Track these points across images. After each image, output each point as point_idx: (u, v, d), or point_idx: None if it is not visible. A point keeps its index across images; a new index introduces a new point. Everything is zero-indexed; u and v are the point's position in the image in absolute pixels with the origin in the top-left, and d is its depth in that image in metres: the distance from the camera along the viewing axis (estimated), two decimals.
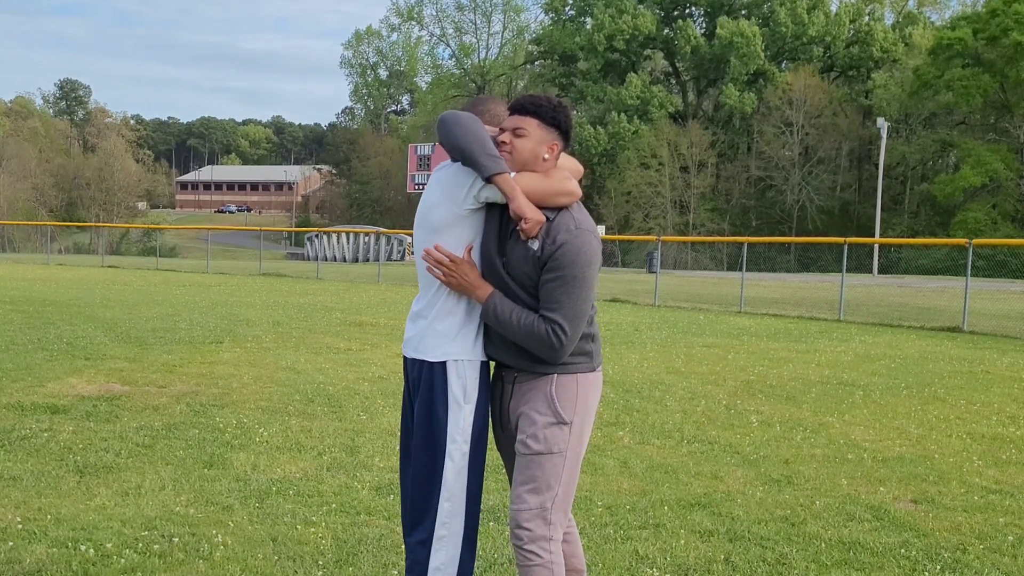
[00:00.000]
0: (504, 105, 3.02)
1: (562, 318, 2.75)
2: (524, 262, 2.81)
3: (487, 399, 2.92)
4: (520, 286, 2.83)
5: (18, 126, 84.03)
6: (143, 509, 4.53)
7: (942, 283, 28.41)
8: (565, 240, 2.78)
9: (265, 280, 25.88)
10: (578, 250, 2.77)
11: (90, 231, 58.83)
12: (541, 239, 2.81)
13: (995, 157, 48.86)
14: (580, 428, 2.86)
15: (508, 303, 2.80)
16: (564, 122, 2.87)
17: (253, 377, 8.38)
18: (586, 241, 2.80)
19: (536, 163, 2.83)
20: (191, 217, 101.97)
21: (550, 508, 2.81)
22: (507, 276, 2.84)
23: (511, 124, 2.86)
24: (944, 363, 10.75)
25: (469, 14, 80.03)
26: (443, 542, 2.84)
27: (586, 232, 2.82)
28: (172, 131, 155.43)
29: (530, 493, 2.81)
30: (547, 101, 2.88)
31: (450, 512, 2.84)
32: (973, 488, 5.34)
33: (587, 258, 2.79)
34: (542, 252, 2.79)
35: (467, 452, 2.83)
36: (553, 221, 2.83)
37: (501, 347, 2.89)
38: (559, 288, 2.76)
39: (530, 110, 2.85)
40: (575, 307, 2.77)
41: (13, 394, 7.20)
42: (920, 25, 62.07)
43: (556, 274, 2.76)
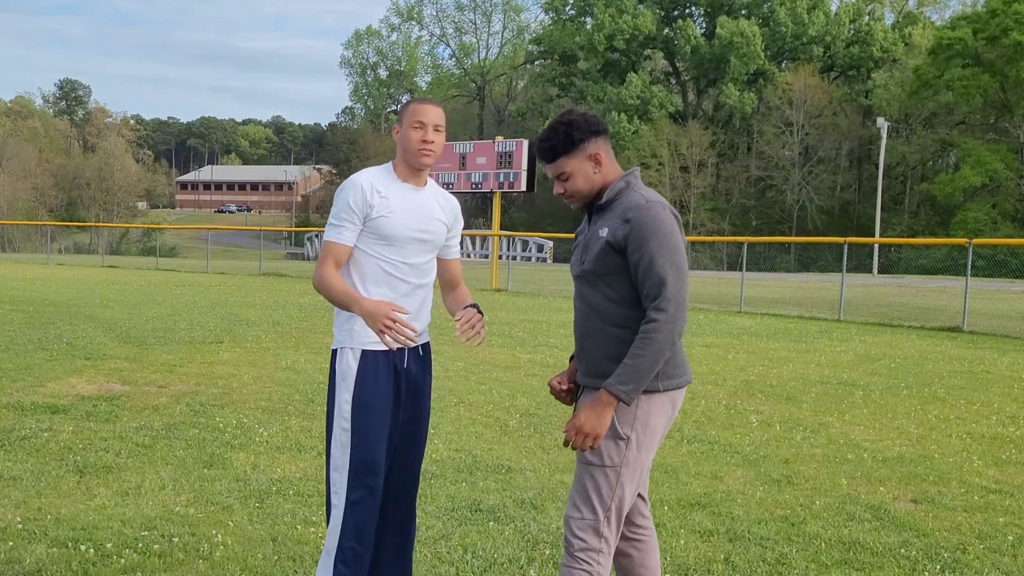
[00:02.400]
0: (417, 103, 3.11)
1: (662, 296, 2.66)
2: (603, 254, 2.76)
3: (375, 386, 3.05)
4: (605, 284, 2.78)
5: (18, 126, 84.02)
6: (143, 509, 4.54)
7: (942, 283, 28.40)
8: (636, 215, 2.72)
9: (265, 280, 25.88)
10: (655, 218, 2.71)
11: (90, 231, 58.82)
12: (607, 224, 2.78)
13: (995, 157, 48.83)
14: (637, 445, 2.78)
15: (625, 368, 2.67)
16: (581, 131, 2.81)
17: (253, 377, 8.38)
18: (660, 211, 2.73)
19: (593, 184, 2.86)
20: (191, 217, 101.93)
21: (602, 520, 2.78)
22: (589, 283, 2.81)
23: (552, 173, 2.86)
24: (944, 363, 10.75)
25: (469, 14, 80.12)
26: (336, 510, 3.08)
27: (657, 203, 2.75)
28: (172, 131, 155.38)
29: (584, 504, 2.79)
30: (553, 133, 2.84)
31: (337, 484, 3.07)
32: (973, 488, 5.34)
33: (668, 225, 2.72)
34: (614, 235, 2.74)
35: (348, 429, 3.04)
36: (616, 201, 2.81)
37: (579, 358, 2.92)
38: (648, 263, 2.67)
39: (551, 155, 2.84)
40: (670, 275, 2.67)
41: (13, 394, 7.20)
42: (920, 25, 62.04)
43: (640, 253, 2.69)
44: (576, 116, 2.85)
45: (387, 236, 3.07)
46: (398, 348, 3.05)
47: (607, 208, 2.84)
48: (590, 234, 2.86)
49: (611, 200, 2.83)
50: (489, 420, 6.88)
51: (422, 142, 3.08)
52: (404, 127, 3.11)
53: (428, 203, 3.18)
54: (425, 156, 3.09)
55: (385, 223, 3.07)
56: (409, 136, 3.09)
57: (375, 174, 3.15)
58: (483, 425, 6.70)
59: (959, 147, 52.03)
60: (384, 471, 3.10)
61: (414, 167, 3.14)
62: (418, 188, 3.17)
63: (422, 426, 3.25)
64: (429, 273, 3.22)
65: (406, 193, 3.14)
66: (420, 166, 3.13)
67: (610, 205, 2.83)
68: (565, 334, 12.59)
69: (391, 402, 3.10)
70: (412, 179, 3.16)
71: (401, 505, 3.23)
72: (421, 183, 3.19)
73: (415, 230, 3.11)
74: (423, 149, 3.08)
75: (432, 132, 3.09)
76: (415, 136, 3.07)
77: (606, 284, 2.78)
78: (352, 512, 3.04)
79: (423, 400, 3.23)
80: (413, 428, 3.20)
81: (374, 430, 3.05)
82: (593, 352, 2.83)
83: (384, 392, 3.08)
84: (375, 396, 3.06)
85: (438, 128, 3.10)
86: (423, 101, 3.14)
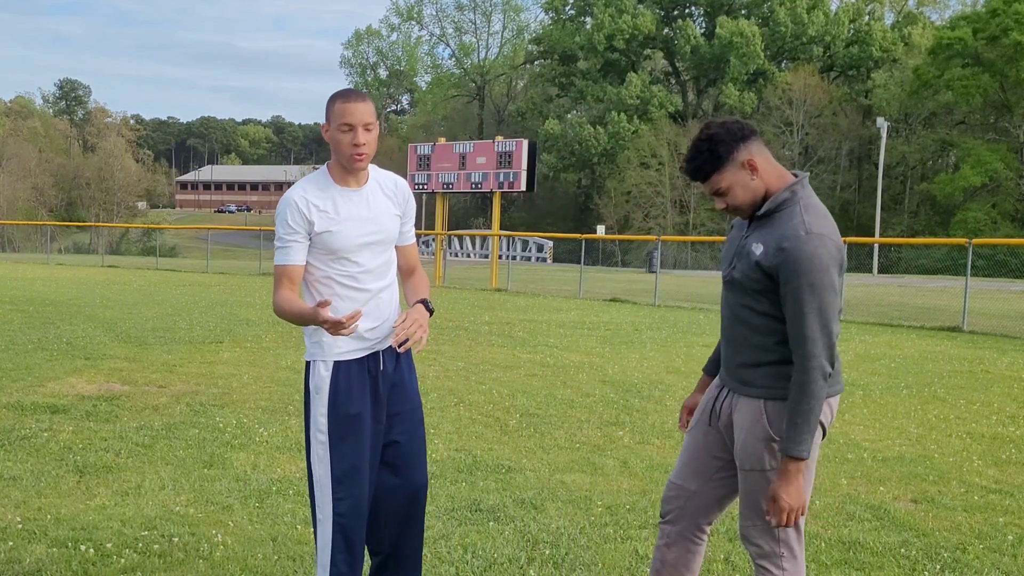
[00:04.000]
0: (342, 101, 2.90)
1: (806, 349, 2.59)
2: (752, 271, 2.70)
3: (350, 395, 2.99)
4: (751, 298, 2.73)
5: (18, 126, 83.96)
6: (143, 509, 4.54)
7: (942, 283, 28.40)
8: (792, 246, 2.61)
9: (265, 280, 25.87)
10: (812, 256, 2.58)
11: (90, 231, 58.80)
12: (763, 241, 2.68)
13: (995, 157, 48.82)
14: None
15: (793, 428, 2.61)
16: (725, 144, 2.69)
17: (253, 377, 8.38)
18: (818, 246, 2.59)
19: (755, 191, 2.74)
20: (191, 217, 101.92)
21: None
22: (737, 291, 2.77)
23: (709, 191, 2.77)
24: (944, 363, 10.75)
25: (469, 14, 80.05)
26: (322, 525, 3.02)
27: (817, 236, 2.60)
28: (172, 131, 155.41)
29: (750, 510, 2.79)
30: (697, 153, 2.73)
31: (320, 498, 3.02)
32: (973, 488, 5.34)
33: (822, 263, 2.58)
34: (766, 259, 2.66)
35: (325, 442, 2.99)
36: (779, 214, 2.69)
37: (723, 361, 2.92)
38: (793, 304, 2.60)
39: (700, 173, 2.75)
40: (814, 323, 2.59)
41: (13, 394, 7.20)
42: (920, 25, 62.03)
43: (787, 288, 2.62)
44: (716, 129, 2.73)
45: (336, 250, 2.95)
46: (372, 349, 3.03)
47: (768, 219, 2.73)
48: (745, 243, 2.77)
49: (772, 211, 2.72)
50: (489, 420, 6.88)
51: (353, 146, 2.89)
52: (332, 129, 2.91)
53: (373, 199, 3.02)
54: (358, 161, 2.92)
55: (330, 238, 2.94)
56: (338, 139, 2.90)
57: (309, 185, 2.98)
58: (483, 425, 6.70)
59: (959, 147, 52.02)
60: (369, 477, 3.03)
61: (351, 171, 2.98)
62: (358, 188, 3.01)
63: (416, 416, 3.17)
64: (390, 269, 3.10)
65: (347, 197, 2.98)
66: (354, 171, 2.97)
67: (771, 216, 2.72)
68: (565, 334, 12.60)
69: (369, 408, 3.03)
70: (351, 179, 3.00)
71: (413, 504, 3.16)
72: (361, 181, 3.02)
73: (365, 234, 2.98)
74: (355, 154, 2.90)
75: (362, 133, 2.89)
76: (345, 140, 2.89)
77: (752, 298, 2.73)
78: (339, 525, 2.99)
79: (409, 395, 3.15)
80: (406, 422, 3.13)
81: (352, 438, 2.99)
82: (740, 357, 2.80)
83: (360, 399, 3.01)
84: (350, 405, 2.99)
85: (368, 127, 2.89)
86: (348, 98, 2.89)
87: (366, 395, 3.02)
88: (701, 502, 2.95)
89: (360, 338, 3.02)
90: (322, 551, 3.02)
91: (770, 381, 2.73)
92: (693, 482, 2.96)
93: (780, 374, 2.71)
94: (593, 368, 9.58)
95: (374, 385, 3.04)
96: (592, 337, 12.44)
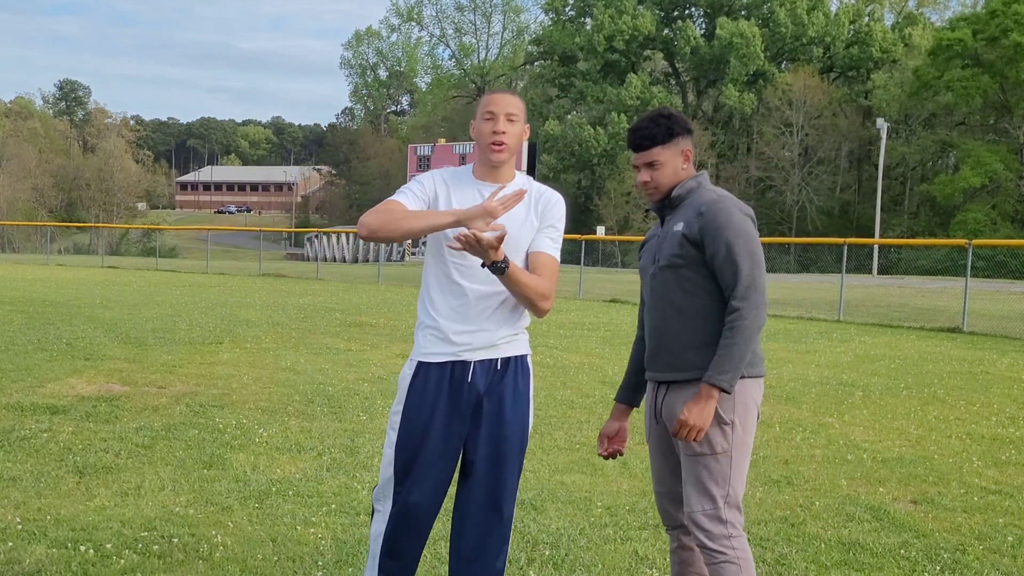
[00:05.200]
0: (489, 93, 2.95)
1: (740, 284, 2.77)
2: (679, 247, 2.85)
3: (423, 399, 2.90)
4: (682, 278, 2.85)
5: (18, 126, 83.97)
6: (143, 509, 4.53)
7: (942, 283, 28.40)
8: (709, 208, 2.82)
9: (265, 280, 25.88)
10: (728, 211, 2.82)
11: (90, 231, 58.82)
12: (680, 219, 2.87)
13: (995, 157, 48.82)
14: (743, 427, 2.86)
15: (720, 359, 2.75)
16: (679, 126, 2.91)
17: (253, 377, 8.38)
18: (732, 205, 2.84)
19: (677, 178, 2.93)
20: (191, 217, 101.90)
21: (722, 507, 2.84)
22: (666, 279, 2.89)
23: (641, 161, 2.93)
24: (944, 363, 10.75)
25: (469, 14, 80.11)
26: (379, 516, 2.98)
27: (728, 198, 2.86)
28: (172, 131, 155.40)
29: (702, 495, 2.85)
30: (654, 123, 2.91)
31: (382, 491, 2.98)
32: (973, 488, 5.34)
33: (739, 216, 2.82)
34: (689, 228, 2.83)
35: (394, 440, 2.93)
36: (688, 200, 2.91)
37: (653, 358, 2.97)
38: (725, 252, 2.77)
39: (648, 140, 2.91)
40: (745, 264, 2.77)
41: (13, 394, 7.20)
42: (920, 25, 62.04)
43: (716, 244, 2.78)
44: (675, 112, 2.97)
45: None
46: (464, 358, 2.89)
47: (678, 206, 2.94)
48: (664, 233, 2.96)
49: (681, 197, 2.93)
50: None
51: (492, 134, 2.83)
52: (477, 120, 2.88)
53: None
54: (496, 150, 2.84)
55: None
56: (480, 129, 2.86)
57: (452, 170, 2.97)
58: None
59: (959, 148, 52.03)
60: (434, 486, 2.90)
61: (489, 163, 2.89)
62: (495, 184, 2.88)
63: (506, 448, 2.92)
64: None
65: (475, 189, 2.89)
66: (492, 162, 2.87)
67: (681, 203, 2.93)
68: (565, 335, 12.60)
69: (443, 418, 2.88)
70: (489, 176, 2.90)
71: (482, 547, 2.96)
72: (499, 179, 2.90)
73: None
74: (493, 143, 2.83)
75: (504, 122, 2.83)
76: (486, 128, 2.84)
77: (683, 277, 2.86)
78: (392, 523, 2.93)
79: (505, 421, 2.91)
80: (491, 447, 2.91)
81: (420, 442, 2.88)
82: (673, 346, 2.89)
83: (432, 406, 2.87)
84: (422, 411, 2.88)
85: (511, 118, 2.83)
86: (496, 90, 2.93)
87: (442, 403, 2.88)
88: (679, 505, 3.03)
89: (447, 340, 2.88)
90: (373, 541, 2.98)
91: (709, 362, 2.81)
92: (664, 486, 3.08)
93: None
94: (593, 369, 9.58)
95: (455, 395, 2.89)
96: (592, 338, 12.44)
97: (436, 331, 2.90)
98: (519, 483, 3.05)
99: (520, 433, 2.96)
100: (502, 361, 2.92)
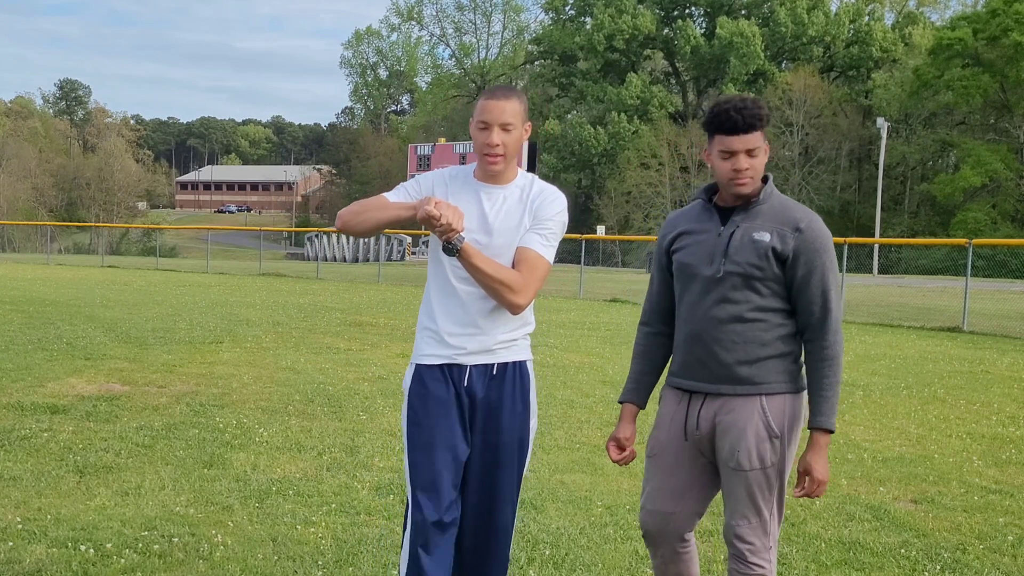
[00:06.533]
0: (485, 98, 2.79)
1: (833, 322, 2.68)
2: (763, 260, 2.67)
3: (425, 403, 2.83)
4: (753, 290, 2.69)
5: (18, 126, 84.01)
6: (143, 509, 4.53)
7: (942, 283, 28.40)
8: (809, 227, 2.67)
9: (265, 280, 25.87)
10: (827, 234, 2.70)
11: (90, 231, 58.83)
12: (766, 229, 2.67)
13: (995, 157, 48.84)
14: (789, 441, 2.79)
15: (826, 402, 2.69)
16: (769, 116, 2.72)
17: (253, 377, 8.38)
18: (826, 227, 2.72)
19: (762, 171, 2.75)
20: (191, 217, 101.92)
21: (768, 519, 2.80)
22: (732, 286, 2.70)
23: (745, 147, 2.64)
24: (944, 363, 10.75)
25: (469, 14, 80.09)
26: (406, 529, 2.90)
27: (820, 219, 2.73)
28: (172, 131, 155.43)
29: (749, 509, 2.79)
30: (755, 104, 2.67)
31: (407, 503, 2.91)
32: (973, 488, 5.33)
33: (832, 243, 2.72)
34: (783, 243, 2.66)
35: (407, 448, 2.87)
36: (766, 205, 2.72)
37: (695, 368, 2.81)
38: (819, 281, 2.67)
39: (756, 120, 2.65)
40: (836, 298, 2.71)
41: (13, 394, 7.20)
42: (920, 25, 62.05)
43: (811, 267, 2.66)
44: (761, 101, 2.76)
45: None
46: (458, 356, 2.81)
47: (751, 209, 2.73)
48: (731, 235, 2.72)
49: (761, 200, 2.73)
50: None
51: (486, 145, 2.74)
52: (472, 125, 2.79)
53: (505, 203, 2.82)
54: (491, 162, 2.76)
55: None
56: (475, 138, 2.78)
57: (453, 169, 2.91)
58: None
59: (959, 147, 52.04)
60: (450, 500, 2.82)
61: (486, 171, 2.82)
62: (493, 185, 2.82)
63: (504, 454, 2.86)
64: None
65: (473, 190, 2.83)
66: (488, 171, 2.80)
67: (756, 207, 2.72)
68: (565, 334, 12.59)
69: (450, 422, 2.82)
70: (490, 179, 2.83)
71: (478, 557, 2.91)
72: (500, 180, 2.83)
73: (469, 230, 2.75)
74: (488, 154, 2.75)
75: (498, 133, 2.72)
76: (480, 138, 2.75)
77: (754, 289, 2.70)
78: (414, 534, 2.83)
79: (504, 427, 2.85)
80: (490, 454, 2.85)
81: (428, 451, 2.81)
82: (726, 358, 2.73)
83: (436, 410, 2.82)
84: (426, 415, 2.82)
85: (507, 127, 2.73)
86: (492, 95, 2.75)
87: (443, 407, 2.82)
88: (681, 520, 2.92)
89: (442, 342, 2.84)
90: (403, 553, 2.89)
91: (769, 376, 2.73)
92: (671, 504, 2.90)
93: (777, 368, 2.74)
94: (593, 368, 9.58)
95: (455, 398, 2.83)
96: (592, 337, 12.44)
97: (433, 333, 2.87)
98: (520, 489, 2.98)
99: (518, 441, 2.88)
100: (499, 367, 2.85)
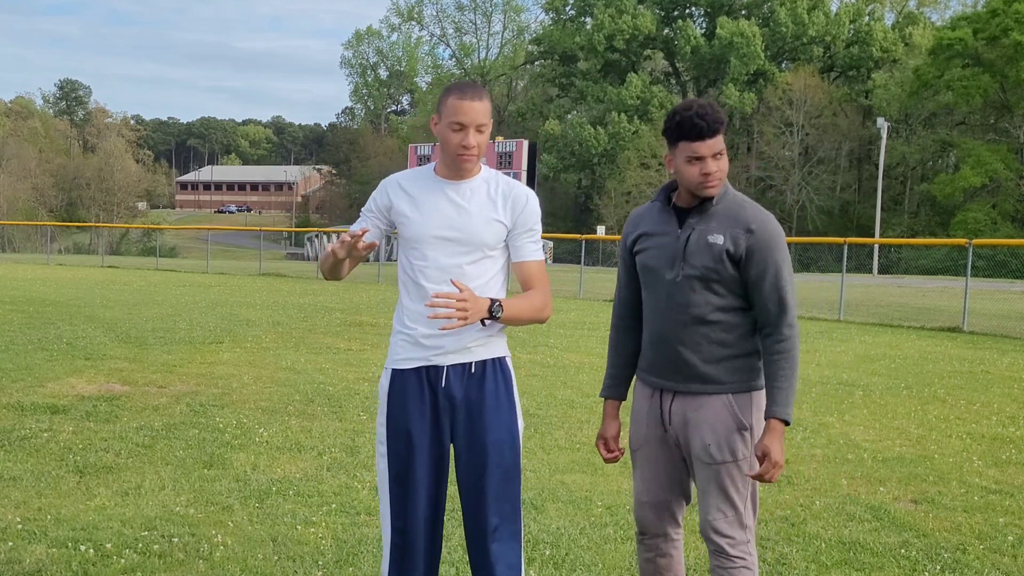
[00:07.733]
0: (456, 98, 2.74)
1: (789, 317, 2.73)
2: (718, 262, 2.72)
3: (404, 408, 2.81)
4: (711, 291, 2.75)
5: (18, 126, 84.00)
6: (143, 509, 4.53)
7: (942, 283, 28.40)
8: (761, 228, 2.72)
9: (265, 280, 25.87)
10: (779, 232, 2.74)
11: (90, 231, 58.79)
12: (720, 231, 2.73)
13: (995, 157, 48.84)
14: (757, 433, 2.82)
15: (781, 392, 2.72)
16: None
17: (253, 377, 8.38)
18: (776, 223, 2.76)
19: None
20: (191, 217, 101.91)
21: (743, 512, 2.82)
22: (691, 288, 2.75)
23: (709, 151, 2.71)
24: (944, 363, 10.75)
25: (469, 14, 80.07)
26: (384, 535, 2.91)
27: (769, 214, 2.78)
28: (172, 131, 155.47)
29: (724, 503, 2.81)
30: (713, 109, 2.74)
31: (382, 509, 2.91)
32: (973, 488, 5.34)
33: (784, 240, 2.77)
34: (735, 245, 2.71)
35: (384, 453, 2.85)
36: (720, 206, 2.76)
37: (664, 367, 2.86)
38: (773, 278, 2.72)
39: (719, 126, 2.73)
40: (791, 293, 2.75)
41: (13, 394, 7.20)
42: (920, 25, 62.06)
43: (764, 266, 2.71)
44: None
45: (409, 238, 2.82)
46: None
47: (707, 211, 2.77)
48: (687, 238, 2.76)
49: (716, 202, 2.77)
50: None
51: (461, 147, 2.73)
52: (442, 124, 2.75)
53: (472, 196, 2.81)
54: (465, 161, 2.76)
55: (406, 224, 2.81)
56: (447, 137, 2.74)
57: (411, 171, 2.91)
58: None
59: (959, 147, 52.05)
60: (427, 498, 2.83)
61: (457, 168, 2.81)
62: (458, 180, 2.82)
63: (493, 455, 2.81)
64: (475, 278, 2.78)
65: (438, 187, 2.82)
66: (460, 169, 2.80)
67: (710, 208, 2.76)
68: (565, 334, 12.59)
69: (424, 425, 2.80)
70: (453, 175, 2.82)
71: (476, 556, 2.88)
72: (464, 175, 2.82)
73: (441, 228, 2.76)
74: (462, 155, 2.75)
75: (474, 135, 2.72)
76: (454, 139, 2.73)
77: (713, 291, 2.75)
78: (394, 541, 2.84)
79: (488, 427, 2.81)
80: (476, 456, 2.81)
81: (407, 454, 2.80)
82: (692, 358, 2.79)
83: (414, 414, 2.80)
84: (404, 419, 2.80)
85: (481, 128, 2.73)
86: (464, 94, 2.72)
87: (421, 410, 2.80)
88: (674, 510, 3.00)
89: (417, 344, 2.81)
90: (383, 561, 2.91)
91: (734, 375, 2.80)
92: (666, 492, 2.97)
93: (741, 367, 2.81)
94: (593, 368, 9.58)
95: (433, 401, 2.80)
96: (592, 337, 12.44)
97: (407, 336, 2.83)
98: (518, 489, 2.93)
99: (506, 441, 2.83)
100: (477, 365, 2.82)
